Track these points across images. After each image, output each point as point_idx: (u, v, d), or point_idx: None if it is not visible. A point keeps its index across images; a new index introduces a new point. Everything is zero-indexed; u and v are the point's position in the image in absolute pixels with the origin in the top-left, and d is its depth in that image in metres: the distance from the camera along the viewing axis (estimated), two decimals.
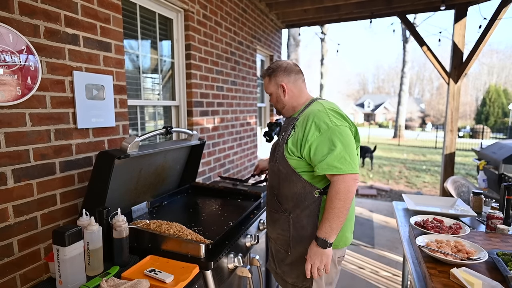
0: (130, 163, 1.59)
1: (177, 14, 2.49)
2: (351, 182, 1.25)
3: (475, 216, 1.85)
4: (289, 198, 1.40)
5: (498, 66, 39.06)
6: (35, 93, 1.35)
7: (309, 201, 1.36)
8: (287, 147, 1.38)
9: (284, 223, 1.43)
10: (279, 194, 1.45)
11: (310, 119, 1.33)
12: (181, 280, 1.15)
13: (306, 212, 1.37)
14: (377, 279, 2.85)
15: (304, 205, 1.37)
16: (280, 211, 1.44)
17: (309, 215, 1.37)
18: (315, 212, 1.36)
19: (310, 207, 1.36)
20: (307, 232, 1.38)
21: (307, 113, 1.38)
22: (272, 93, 1.51)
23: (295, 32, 9.67)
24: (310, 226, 1.37)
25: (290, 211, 1.40)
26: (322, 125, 1.29)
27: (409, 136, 20.76)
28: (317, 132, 1.29)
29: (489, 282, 1.07)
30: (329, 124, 1.29)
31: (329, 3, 4.01)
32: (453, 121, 4.49)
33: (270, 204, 1.52)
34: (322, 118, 1.31)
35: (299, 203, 1.37)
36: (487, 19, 4.09)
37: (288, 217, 1.41)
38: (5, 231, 1.28)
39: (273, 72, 1.49)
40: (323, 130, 1.29)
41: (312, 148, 1.30)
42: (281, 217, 1.44)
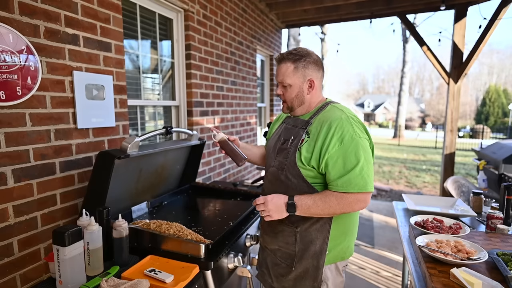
0: (130, 163, 1.59)
1: (177, 14, 2.49)
2: (363, 202, 1.16)
3: (475, 216, 1.85)
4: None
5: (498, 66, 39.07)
6: (35, 93, 1.35)
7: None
8: (300, 156, 1.22)
9: (289, 236, 1.29)
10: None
11: (332, 127, 1.17)
12: (181, 280, 1.15)
13: (316, 226, 1.25)
14: (377, 279, 2.85)
15: (314, 219, 1.24)
16: (285, 223, 1.29)
17: (319, 230, 1.25)
18: (326, 226, 1.24)
19: (321, 221, 1.24)
20: (315, 247, 1.25)
21: (326, 118, 1.22)
22: (293, 86, 1.26)
23: (295, 32, 9.68)
24: (320, 241, 1.25)
25: (298, 224, 1.26)
26: (345, 136, 1.15)
27: (409, 136, 20.76)
28: (338, 143, 1.15)
29: (489, 282, 1.07)
30: (353, 136, 1.15)
31: (329, 3, 4.01)
32: (453, 121, 4.49)
33: None
34: (346, 128, 1.16)
35: (308, 216, 1.23)
36: (487, 19, 4.09)
37: (295, 230, 1.27)
38: (5, 231, 1.28)
39: (301, 60, 1.25)
40: (346, 141, 1.15)
41: (331, 161, 1.16)
42: (285, 230, 1.30)
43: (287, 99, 1.30)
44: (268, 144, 1.48)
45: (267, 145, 1.49)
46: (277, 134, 1.42)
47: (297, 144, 1.25)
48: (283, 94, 1.30)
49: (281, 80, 1.28)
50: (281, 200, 1.19)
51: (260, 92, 4.65)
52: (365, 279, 2.84)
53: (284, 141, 1.31)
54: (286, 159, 1.26)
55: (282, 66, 1.27)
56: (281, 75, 1.27)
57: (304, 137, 1.24)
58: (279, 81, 1.29)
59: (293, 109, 1.33)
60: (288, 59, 1.26)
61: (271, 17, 4.42)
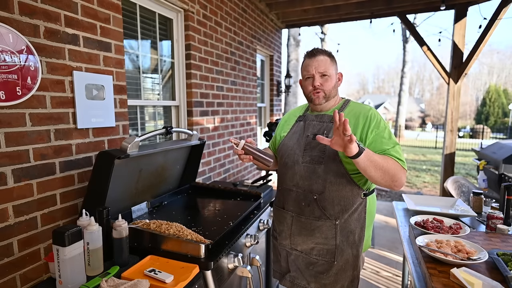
0: (130, 163, 1.59)
1: (177, 14, 2.49)
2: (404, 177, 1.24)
3: (475, 216, 1.85)
4: (336, 203, 1.31)
5: (498, 66, 39.05)
6: (35, 93, 1.35)
7: (356, 204, 1.32)
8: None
9: (329, 231, 1.32)
10: (323, 199, 1.32)
11: (368, 117, 1.30)
12: (181, 280, 1.14)
13: (354, 216, 1.32)
14: (377, 279, 2.85)
15: (353, 209, 1.31)
16: (324, 217, 1.33)
17: (357, 219, 1.32)
18: (362, 215, 1.33)
19: (358, 210, 1.32)
20: (354, 237, 1.32)
21: (356, 111, 1.34)
22: (331, 76, 1.36)
23: (295, 32, 9.66)
24: (358, 230, 1.32)
25: (337, 216, 1.31)
26: (381, 124, 1.29)
27: (409, 136, 20.75)
28: (376, 129, 1.28)
29: (489, 282, 1.07)
30: (386, 125, 1.31)
31: (329, 3, 4.01)
32: (453, 121, 4.49)
33: (306, 211, 1.37)
34: (379, 118, 1.31)
35: (347, 207, 1.31)
36: (487, 19, 4.09)
37: (335, 223, 1.31)
38: (5, 231, 1.28)
39: (332, 55, 1.39)
40: (381, 128, 1.29)
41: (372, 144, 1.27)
42: (324, 225, 1.33)
43: (327, 89, 1.36)
44: (285, 142, 1.48)
45: (283, 143, 1.49)
46: (295, 132, 1.46)
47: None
48: (322, 84, 1.35)
49: (324, 70, 1.34)
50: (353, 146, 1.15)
51: (260, 92, 4.65)
52: (365, 279, 2.84)
53: (314, 136, 1.34)
54: (323, 152, 1.31)
55: (321, 58, 1.35)
56: (323, 65, 1.35)
57: None
58: (321, 71, 1.34)
59: (328, 99, 1.38)
60: (323, 53, 1.37)
61: (271, 17, 4.42)
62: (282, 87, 5.16)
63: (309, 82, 1.38)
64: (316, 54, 1.37)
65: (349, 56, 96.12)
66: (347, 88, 54.09)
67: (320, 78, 1.35)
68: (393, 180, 1.21)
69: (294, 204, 1.40)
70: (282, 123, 1.61)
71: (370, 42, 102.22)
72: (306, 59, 1.39)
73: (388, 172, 1.19)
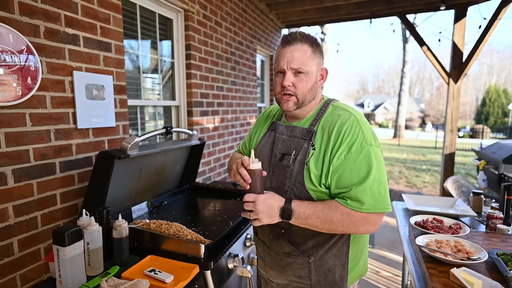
0: (130, 163, 1.59)
1: (177, 14, 2.49)
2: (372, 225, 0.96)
3: (475, 216, 1.85)
4: (308, 237, 1.07)
5: (498, 66, 39.06)
6: (35, 93, 1.35)
7: (336, 237, 1.06)
8: (309, 175, 1.01)
9: (302, 269, 1.10)
10: (291, 233, 1.09)
11: (341, 133, 0.98)
12: (181, 280, 1.15)
13: (332, 252, 1.07)
14: (377, 279, 2.85)
15: (330, 243, 1.06)
16: (294, 254, 1.10)
17: (336, 255, 1.07)
18: (343, 250, 1.07)
19: (338, 245, 1.07)
20: (334, 276, 1.08)
21: (331, 122, 1.02)
22: (309, 74, 1.01)
23: None
24: (339, 267, 1.08)
25: (310, 253, 1.08)
26: (355, 144, 0.96)
27: (409, 136, 20.76)
28: (346, 152, 0.96)
29: (489, 282, 1.07)
30: (364, 144, 0.96)
31: (329, 3, 4.01)
32: (453, 121, 4.49)
33: (274, 245, 1.14)
34: (356, 134, 0.97)
35: (323, 242, 1.06)
36: (487, 19, 4.09)
37: (308, 261, 1.08)
38: (5, 231, 1.28)
39: (317, 45, 1.03)
40: (354, 150, 0.96)
41: (337, 173, 0.97)
42: (295, 262, 1.10)
43: (300, 92, 1.02)
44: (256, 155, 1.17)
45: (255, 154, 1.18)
46: (265, 145, 1.17)
47: (303, 160, 1.02)
48: (294, 84, 1.02)
49: (299, 66, 1.00)
50: (276, 203, 0.98)
51: (260, 92, 4.65)
52: (365, 279, 2.84)
53: (283, 156, 1.07)
54: (289, 179, 1.04)
55: (298, 48, 1.00)
56: (299, 59, 0.99)
57: (309, 150, 1.02)
58: (295, 67, 1.00)
59: (302, 106, 1.06)
60: (304, 40, 1.01)
61: (271, 17, 4.42)
62: None
63: (279, 79, 1.04)
64: (292, 41, 1.01)
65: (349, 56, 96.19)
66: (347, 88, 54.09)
67: (292, 76, 1.01)
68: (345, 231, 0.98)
69: (264, 235, 1.19)
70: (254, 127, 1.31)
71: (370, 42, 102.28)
72: (280, 46, 1.04)
73: (335, 227, 0.96)
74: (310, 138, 1.04)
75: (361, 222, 0.95)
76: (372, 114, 42.15)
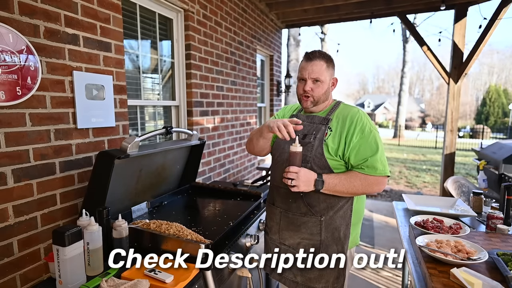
0: (130, 163, 1.59)
1: (177, 14, 2.49)
2: (382, 184, 1.31)
3: (475, 216, 1.85)
4: (321, 200, 1.35)
5: (498, 66, 39.04)
6: (35, 93, 1.35)
7: (343, 201, 1.35)
8: (327, 148, 1.33)
9: (314, 227, 1.37)
10: (308, 196, 1.36)
11: (354, 121, 1.33)
12: (181, 280, 1.15)
13: (340, 213, 1.36)
14: (377, 279, 2.85)
15: (338, 206, 1.35)
16: (309, 214, 1.37)
17: (342, 216, 1.36)
18: (348, 213, 1.37)
19: (344, 208, 1.36)
20: (339, 233, 1.36)
21: (345, 114, 1.37)
22: (324, 82, 1.38)
23: (295, 32, 9.66)
24: (343, 227, 1.37)
25: (322, 213, 1.36)
26: (366, 128, 1.32)
27: (409, 136, 20.73)
28: (360, 133, 1.31)
29: (489, 282, 1.07)
30: (371, 128, 1.34)
31: (329, 3, 4.01)
32: (453, 121, 4.49)
33: (293, 207, 1.41)
34: (365, 122, 1.34)
35: (333, 204, 1.35)
36: (487, 19, 4.09)
37: (320, 219, 1.36)
38: (5, 231, 1.28)
39: (330, 60, 1.41)
40: (366, 133, 1.31)
41: (355, 149, 1.31)
42: (309, 221, 1.37)
43: (316, 95, 1.38)
44: (278, 140, 1.50)
45: (277, 141, 1.51)
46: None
47: (322, 138, 1.34)
48: (312, 89, 1.38)
49: (317, 76, 1.36)
50: (312, 175, 1.27)
51: (260, 92, 4.64)
52: (365, 279, 2.84)
53: (304, 136, 1.39)
54: (311, 152, 1.35)
55: (317, 63, 1.36)
56: (317, 71, 1.37)
57: (327, 131, 1.36)
58: (314, 77, 1.37)
59: (317, 104, 1.41)
60: (321, 57, 1.37)
61: (271, 17, 4.42)
62: (282, 87, 5.16)
63: (301, 85, 1.41)
64: (312, 58, 1.38)
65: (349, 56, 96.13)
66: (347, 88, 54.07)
67: (312, 83, 1.38)
68: (364, 192, 1.33)
69: (282, 201, 1.44)
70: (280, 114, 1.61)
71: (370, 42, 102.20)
72: (303, 61, 1.42)
73: (356, 190, 1.30)
74: (327, 123, 1.37)
75: (375, 183, 1.31)
76: (372, 114, 42.13)
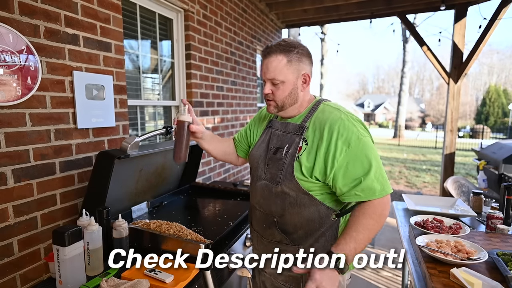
0: (130, 163, 1.59)
1: (177, 14, 2.49)
2: (387, 202, 1.05)
3: (475, 216, 1.85)
4: (299, 226, 1.12)
5: (498, 66, 39.04)
6: (35, 93, 1.35)
7: (325, 227, 1.11)
8: (300, 166, 1.07)
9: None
10: (283, 222, 1.14)
11: (334, 131, 1.04)
12: (181, 280, 1.15)
13: (321, 241, 1.12)
14: (377, 279, 2.85)
15: (319, 233, 1.11)
16: (285, 242, 1.15)
17: (324, 245, 1.12)
18: (332, 240, 1.11)
19: (327, 234, 1.11)
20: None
21: (323, 120, 1.08)
22: (286, 82, 1.09)
23: (295, 32, 9.66)
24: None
25: (300, 242, 1.13)
26: (352, 139, 1.02)
27: (409, 136, 20.74)
28: (346, 148, 1.02)
29: (489, 282, 1.07)
30: (360, 136, 1.03)
31: (329, 3, 4.01)
32: (453, 121, 4.49)
33: (267, 234, 1.20)
34: (350, 129, 1.04)
35: (313, 231, 1.11)
36: (487, 19, 4.09)
37: (297, 249, 1.12)
38: (5, 231, 1.28)
39: (293, 52, 1.07)
40: (353, 145, 1.02)
41: (342, 169, 1.02)
42: (286, 250, 1.13)
43: (278, 98, 1.11)
44: (253, 153, 1.28)
45: (251, 153, 1.29)
46: (263, 141, 1.25)
47: (294, 153, 1.09)
48: (273, 92, 1.11)
49: (272, 76, 1.08)
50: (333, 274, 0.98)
51: (260, 92, 4.64)
52: (365, 279, 2.84)
53: (276, 150, 1.14)
54: (281, 171, 1.11)
55: (272, 60, 1.07)
56: (272, 71, 1.08)
57: (302, 144, 1.09)
58: (270, 78, 1.09)
59: (283, 109, 1.14)
60: (279, 52, 1.07)
61: (271, 17, 4.42)
62: None
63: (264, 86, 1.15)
64: (268, 54, 1.09)
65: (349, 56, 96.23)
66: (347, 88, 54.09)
67: (271, 85, 1.11)
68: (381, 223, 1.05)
69: (258, 224, 1.25)
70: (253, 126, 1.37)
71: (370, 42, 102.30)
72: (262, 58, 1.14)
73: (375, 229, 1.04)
74: (302, 133, 1.11)
75: (380, 206, 1.03)
76: (372, 114, 42.13)
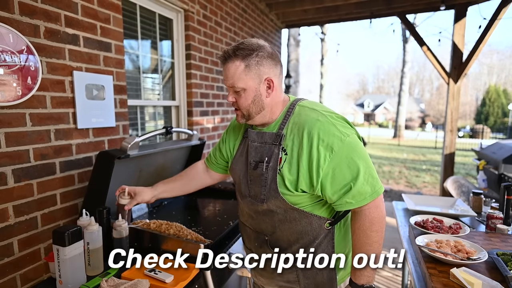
0: (130, 163, 1.59)
1: (177, 14, 2.49)
2: (382, 204, 0.97)
3: (475, 216, 1.85)
4: (293, 241, 1.06)
5: (498, 66, 39.05)
6: (35, 93, 1.35)
7: (320, 238, 1.05)
8: (283, 180, 0.99)
9: (289, 274, 1.09)
10: (275, 239, 1.09)
11: (314, 136, 0.95)
12: (181, 280, 1.15)
13: (318, 252, 1.06)
14: (377, 279, 2.85)
15: (315, 245, 1.05)
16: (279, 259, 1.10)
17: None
18: (329, 250, 1.05)
19: (322, 246, 1.05)
20: (323, 277, 1.07)
21: (300, 125, 1.00)
22: (247, 90, 1.00)
23: (295, 32, 9.67)
24: (327, 269, 1.06)
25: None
26: (335, 142, 0.94)
27: (409, 136, 20.76)
28: (329, 153, 0.93)
29: (489, 282, 1.07)
30: (342, 137, 0.94)
31: (329, 3, 4.01)
32: (453, 121, 4.49)
33: (260, 252, 1.14)
34: (329, 131, 0.95)
35: (306, 244, 1.05)
36: (487, 19, 4.10)
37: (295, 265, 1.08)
38: (5, 231, 1.28)
39: (252, 56, 0.98)
40: (337, 148, 0.93)
41: (329, 177, 0.94)
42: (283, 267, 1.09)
43: (242, 107, 1.04)
44: (233, 167, 1.20)
45: (232, 168, 1.21)
46: (242, 155, 1.16)
47: (275, 167, 1.00)
48: (237, 101, 1.04)
49: (232, 84, 1.00)
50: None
51: None
52: None
53: (256, 165, 1.05)
54: (265, 188, 1.03)
55: (230, 66, 0.99)
56: (230, 77, 1.00)
57: (281, 155, 1.01)
58: (229, 85, 1.02)
59: (250, 118, 1.06)
60: (236, 57, 0.98)
61: (271, 17, 4.42)
62: None
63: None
64: (225, 60, 1.01)
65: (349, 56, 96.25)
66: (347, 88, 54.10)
67: (233, 93, 1.03)
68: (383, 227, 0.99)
69: (249, 242, 1.20)
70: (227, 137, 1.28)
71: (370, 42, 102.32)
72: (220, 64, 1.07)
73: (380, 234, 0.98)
74: (280, 142, 1.02)
75: (377, 209, 0.96)
76: (372, 114, 42.13)
